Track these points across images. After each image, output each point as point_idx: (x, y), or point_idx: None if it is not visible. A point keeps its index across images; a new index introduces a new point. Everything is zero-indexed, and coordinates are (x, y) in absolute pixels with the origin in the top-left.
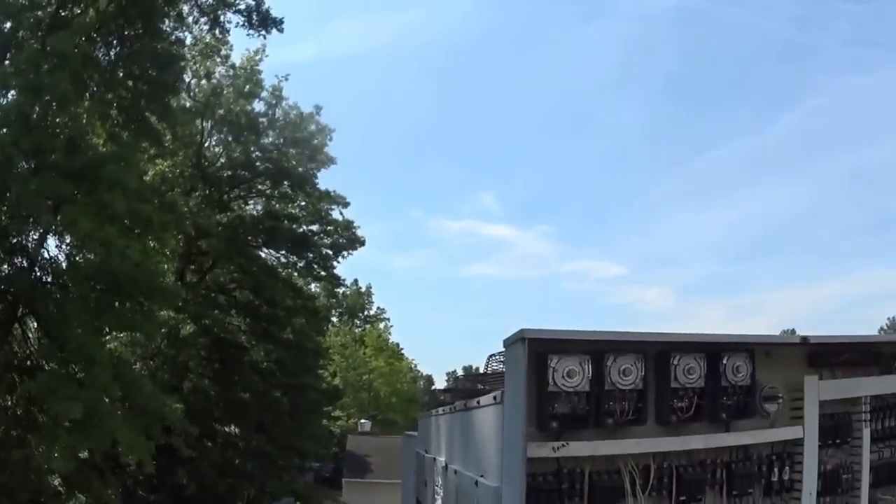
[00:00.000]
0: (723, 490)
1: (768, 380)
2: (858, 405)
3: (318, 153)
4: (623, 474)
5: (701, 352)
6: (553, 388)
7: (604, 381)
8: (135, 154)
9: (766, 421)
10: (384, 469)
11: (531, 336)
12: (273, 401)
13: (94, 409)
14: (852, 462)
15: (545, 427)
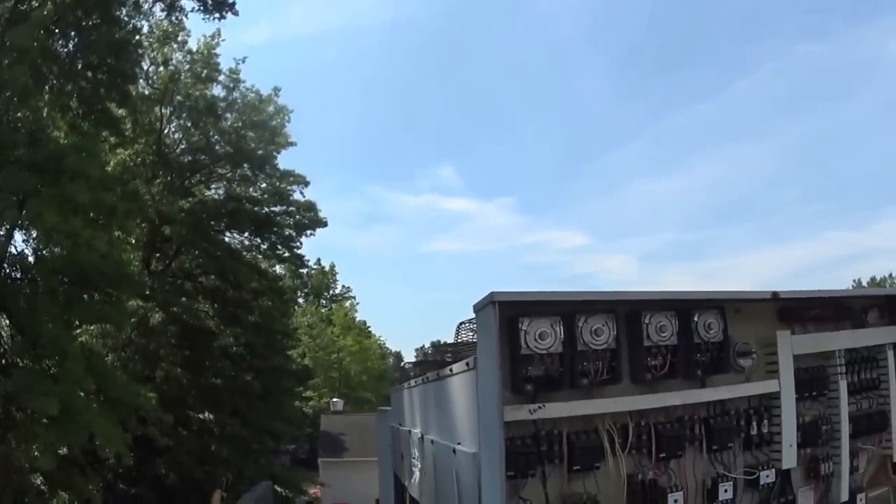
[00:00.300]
0: (702, 445)
1: (741, 336)
2: (833, 358)
3: (278, 135)
4: (601, 434)
5: (671, 310)
6: (526, 350)
7: (576, 341)
8: (96, 144)
9: (742, 376)
10: (359, 447)
11: (501, 300)
12: (245, 385)
13: (69, 403)
14: (831, 414)
15: (520, 390)
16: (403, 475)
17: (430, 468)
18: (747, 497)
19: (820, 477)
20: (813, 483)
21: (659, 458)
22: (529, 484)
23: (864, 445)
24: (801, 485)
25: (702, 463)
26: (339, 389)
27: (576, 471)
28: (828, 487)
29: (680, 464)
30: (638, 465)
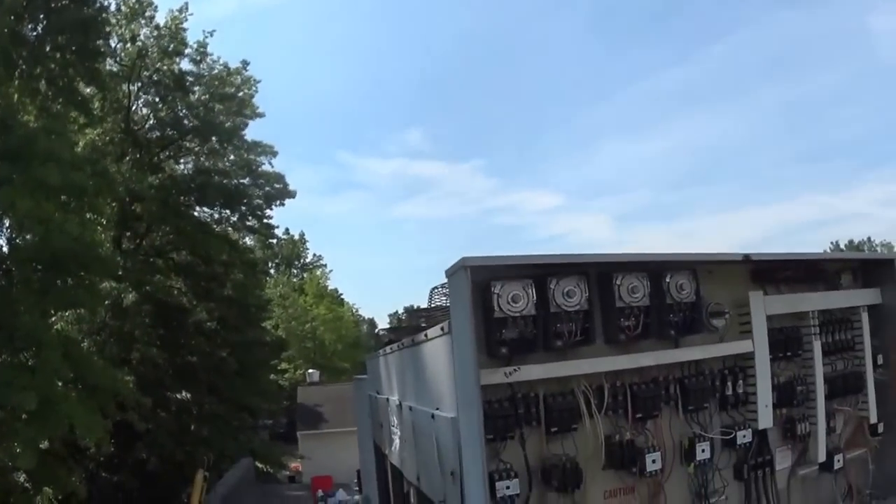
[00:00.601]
0: (678, 405)
1: (713, 296)
2: (807, 319)
3: (246, 106)
4: (577, 395)
5: (643, 271)
6: (499, 314)
7: (549, 303)
8: (65, 125)
9: (715, 336)
10: (337, 418)
11: (472, 264)
12: (220, 361)
13: (48, 395)
14: (805, 374)
15: (495, 353)
16: (383, 443)
17: (410, 435)
18: (725, 457)
19: (797, 437)
20: (790, 443)
21: (635, 418)
22: (508, 447)
23: (841, 407)
24: (778, 445)
25: (678, 423)
26: (313, 360)
27: (554, 433)
28: (805, 448)
29: (656, 424)
30: (615, 425)
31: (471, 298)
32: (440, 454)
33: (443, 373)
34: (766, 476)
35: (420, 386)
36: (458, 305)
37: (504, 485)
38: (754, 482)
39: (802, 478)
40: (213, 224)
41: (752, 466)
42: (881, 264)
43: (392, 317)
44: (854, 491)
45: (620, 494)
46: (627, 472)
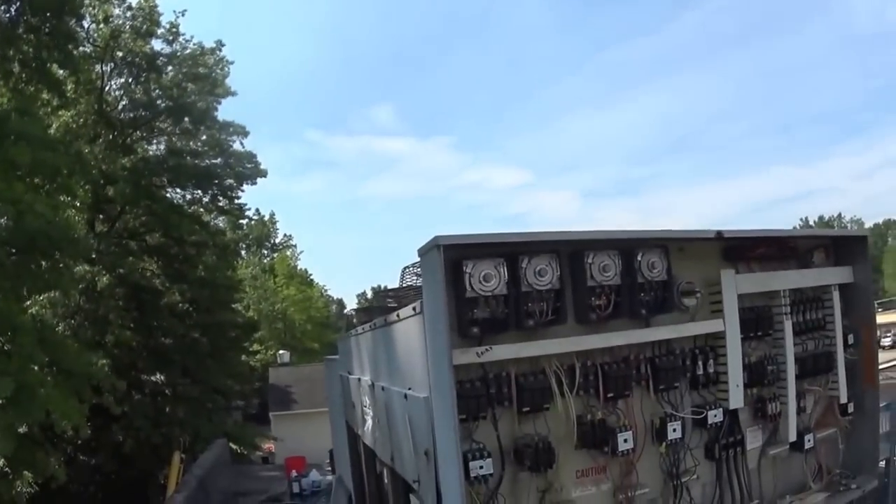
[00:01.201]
0: (649, 385)
1: (684, 275)
2: (778, 298)
3: (218, 86)
4: (549, 375)
5: (614, 249)
6: (471, 293)
7: (520, 282)
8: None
9: (686, 315)
10: (308, 399)
11: (445, 243)
12: (193, 342)
13: (23, 381)
14: (776, 354)
15: (467, 333)
16: (356, 424)
17: (383, 415)
18: (696, 436)
19: (767, 417)
20: (760, 423)
21: (607, 398)
22: (481, 427)
23: (811, 386)
24: (749, 424)
25: (649, 403)
26: (284, 340)
27: (526, 412)
28: (775, 428)
29: (628, 403)
30: (586, 405)
31: (443, 277)
32: (413, 434)
33: (415, 353)
34: (737, 456)
35: (392, 366)
36: (430, 284)
37: (477, 464)
38: (725, 462)
39: (773, 457)
40: (185, 205)
41: (724, 446)
42: (854, 241)
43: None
44: (824, 470)
45: (592, 473)
46: (599, 452)
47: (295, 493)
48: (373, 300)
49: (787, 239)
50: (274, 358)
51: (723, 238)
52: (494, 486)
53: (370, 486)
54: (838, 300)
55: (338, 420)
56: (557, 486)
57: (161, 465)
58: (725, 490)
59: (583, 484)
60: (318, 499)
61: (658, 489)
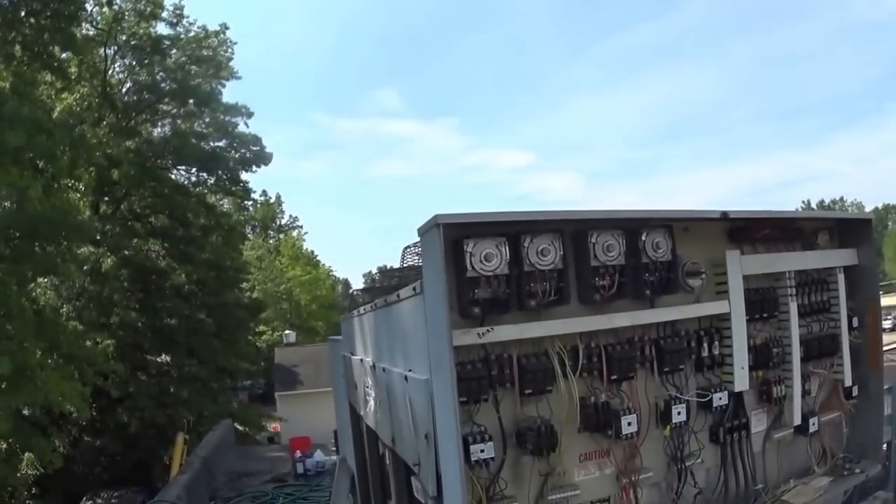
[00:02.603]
0: (653, 367)
1: (689, 255)
2: (783, 280)
3: (223, 68)
4: (552, 356)
5: (618, 228)
6: (472, 273)
7: (522, 262)
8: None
9: (691, 296)
10: (313, 378)
11: (445, 221)
12: (199, 323)
13: (23, 363)
14: (781, 336)
15: (468, 314)
16: (358, 405)
17: (384, 397)
18: (700, 419)
19: (772, 400)
20: (766, 406)
21: (610, 380)
22: (482, 409)
23: (816, 369)
24: (753, 407)
25: (654, 385)
26: (290, 321)
27: (528, 395)
28: (780, 411)
29: (632, 386)
30: (590, 387)
31: (443, 257)
32: (414, 417)
33: (415, 334)
34: (741, 439)
35: (393, 347)
36: (430, 264)
37: (478, 448)
38: (730, 445)
39: (778, 441)
40: (190, 187)
41: (728, 429)
42: (858, 224)
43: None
44: (828, 454)
45: (596, 457)
46: (603, 435)
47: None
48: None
49: (793, 220)
50: (280, 338)
51: (728, 218)
52: (496, 470)
53: (372, 468)
54: (843, 282)
55: (341, 400)
56: (560, 469)
57: (166, 446)
58: (730, 474)
59: (585, 468)
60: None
61: (662, 473)
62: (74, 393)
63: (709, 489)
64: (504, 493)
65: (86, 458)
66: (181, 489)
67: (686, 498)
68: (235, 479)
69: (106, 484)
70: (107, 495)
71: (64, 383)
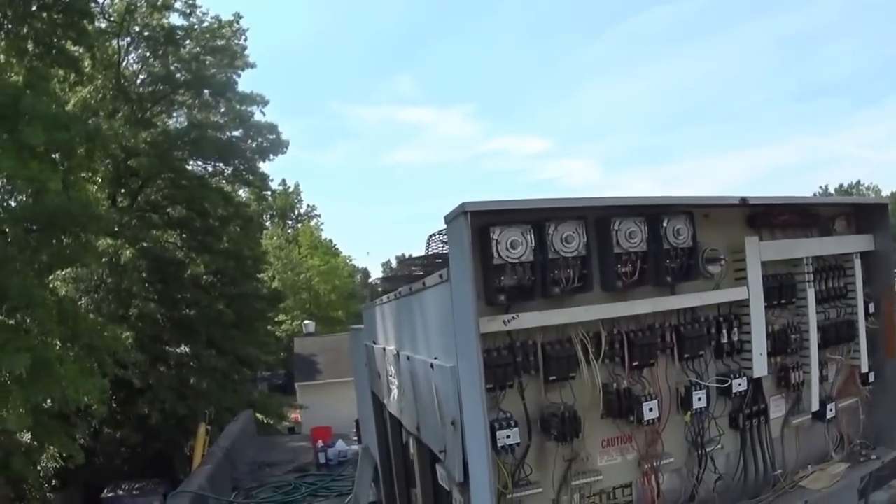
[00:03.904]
0: (674, 353)
1: (709, 241)
2: (801, 266)
3: (237, 58)
4: (575, 343)
5: (640, 215)
6: (498, 260)
7: (547, 249)
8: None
9: (711, 282)
10: (332, 368)
11: (473, 209)
12: (218, 314)
13: (42, 357)
14: (799, 322)
15: (493, 301)
16: (382, 394)
17: (409, 385)
18: (720, 405)
19: (790, 386)
20: (784, 392)
21: (632, 366)
22: (508, 396)
23: (833, 356)
24: (772, 393)
25: (674, 371)
26: (309, 311)
27: (552, 381)
28: (798, 397)
29: (653, 372)
30: (612, 374)
31: (470, 244)
32: (440, 404)
33: (441, 321)
34: (760, 425)
35: (418, 335)
36: (457, 252)
37: (504, 434)
38: (749, 431)
39: (796, 427)
40: (207, 177)
41: (748, 415)
42: (875, 209)
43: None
44: (846, 440)
45: (618, 443)
46: (625, 421)
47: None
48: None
49: (810, 206)
50: (299, 328)
51: (747, 204)
52: (521, 456)
53: (396, 456)
54: (859, 268)
55: (363, 390)
56: (583, 455)
57: (186, 437)
58: (749, 459)
59: (608, 453)
60: (345, 468)
61: (683, 459)
62: (93, 387)
63: (728, 475)
64: (529, 479)
65: (107, 450)
66: (204, 479)
67: (706, 483)
68: (257, 470)
69: (127, 476)
70: (128, 487)
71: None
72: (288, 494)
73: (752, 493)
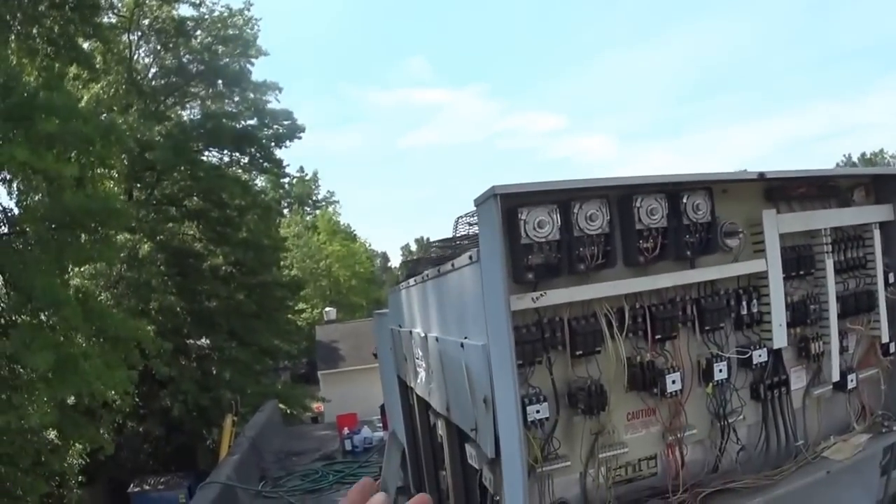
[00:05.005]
0: (695, 326)
1: (728, 215)
2: (819, 237)
3: (250, 46)
4: (599, 317)
5: (661, 192)
6: (526, 240)
7: (572, 228)
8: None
9: (730, 256)
10: (355, 354)
11: (502, 192)
12: (238, 304)
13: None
14: (818, 293)
15: (522, 279)
16: (408, 377)
17: (438, 366)
18: (741, 377)
19: (811, 357)
20: (804, 363)
21: (655, 339)
22: (536, 371)
23: (853, 326)
24: (793, 364)
25: (695, 343)
26: (329, 297)
27: (578, 356)
28: (819, 367)
29: (675, 345)
30: (635, 347)
31: (501, 226)
32: (471, 383)
33: (471, 301)
34: (781, 396)
35: (447, 316)
36: (487, 233)
37: (534, 409)
38: (770, 402)
39: (817, 398)
40: (224, 168)
41: (768, 386)
42: (894, 179)
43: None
44: (867, 411)
45: (643, 416)
46: (649, 394)
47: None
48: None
49: (827, 178)
50: (320, 317)
51: (765, 179)
52: (550, 430)
53: (423, 439)
54: (879, 238)
55: (389, 374)
56: (610, 428)
57: (210, 429)
58: (771, 430)
59: (633, 426)
60: (371, 455)
61: (706, 430)
62: (119, 380)
63: (751, 445)
64: (557, 453)
65: (131, 444)
66: (231, 470)
67: (729, 454)
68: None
69: (151, 470)
70: (154, 481)
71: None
72: (315, 482)
73: (775, 464)
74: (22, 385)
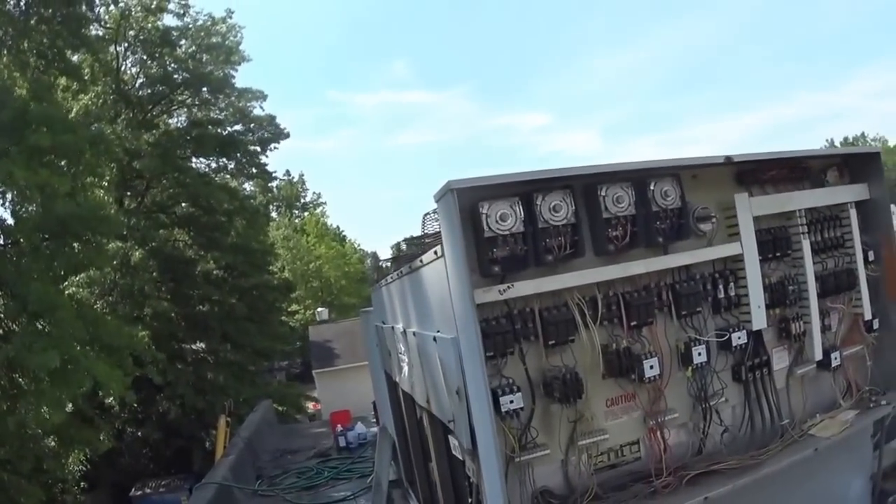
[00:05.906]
0: (672, 311)
1: (699, 201)
2: (794, 219)
3: (233, 53)
4: (571, 307)
5: (626, 180)
6: (489, 233)
7: (536, 219)
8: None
9: (703, 240)
10: (348, 353)
11: (458, 187)
12: (230, 308)
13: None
14: (796, 274)
15: (488, 272)
16: (394, 372)
17: (417, 360)
18: (721, 359)
19: (792, 337)
20: (786, 343)
21: (630, 326)
22: (509, 362)
23: (834, 304)
24: (774, 345)
25: (673, 328)
26: (321, 298)
27: (552, 345)
28: (801, 347)
29: (652, 331)
30: (611, 335)
31: (459, 220)
32: (446, 375)
33: (440, 296)
34: (763, 376)
35: (421, 311)
36: (447, 228)
37: (508, 399)
38: (753, 383)
39: (801, 377)
40: (211, 174)
41: (750, 367)
42: (867, 158)
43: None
44: (854, 388)
45: (622, 401)
46: (627, 380)
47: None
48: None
49: (798, 160)
50: (313, 317)
51: (733, 162)
52: (526, 420)
53: (411, 432)
54: (856, 217)
55: (377, 370)
56: (588, 415)
57: (206, 432)
58: (755, 411)
59: (613, 412)
60: (365, 450)
61: (687, 413)
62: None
63: (735, 426)
64: (536, 441)
65: (131, 449)
66: (227, 470)
67: (713, 436)
68: (279, 457)
69: (152, 473)
70: (155, 484)
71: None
72: (311, 480)
73: (761, 444)
74: (28, 390)
